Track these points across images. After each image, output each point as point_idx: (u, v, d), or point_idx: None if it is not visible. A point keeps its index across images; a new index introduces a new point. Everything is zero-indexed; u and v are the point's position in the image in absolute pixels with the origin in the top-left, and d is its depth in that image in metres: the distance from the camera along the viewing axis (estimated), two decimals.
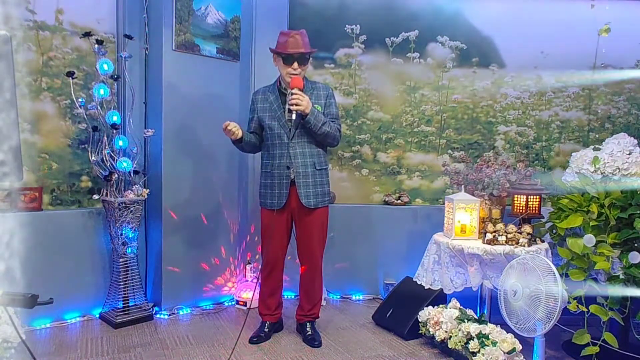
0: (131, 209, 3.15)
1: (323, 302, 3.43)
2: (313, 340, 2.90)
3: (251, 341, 2.91)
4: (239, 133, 2.75)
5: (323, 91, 2.86)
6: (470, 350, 2.59)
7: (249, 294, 3.58)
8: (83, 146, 3.23)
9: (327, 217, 2.93)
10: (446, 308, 2.94)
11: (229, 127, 2.72)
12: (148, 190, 3.25)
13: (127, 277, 3.20)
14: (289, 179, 2.78)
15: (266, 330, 2.97)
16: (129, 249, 3.19)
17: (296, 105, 2.62)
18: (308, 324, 2.99)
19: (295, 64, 2.72)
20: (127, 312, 3.18)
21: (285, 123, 2.77)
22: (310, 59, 2.86)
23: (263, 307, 3.01)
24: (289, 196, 2.80)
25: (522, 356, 2.56)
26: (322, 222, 2.89)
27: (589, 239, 2.54)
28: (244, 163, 3.78)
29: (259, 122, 2.89)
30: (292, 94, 2.64)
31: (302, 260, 2.94)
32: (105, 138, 3.12)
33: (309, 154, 2.80)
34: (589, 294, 2.62)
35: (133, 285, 3.23)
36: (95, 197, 3.17)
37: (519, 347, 2.54)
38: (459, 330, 2.72)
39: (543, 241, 2.95)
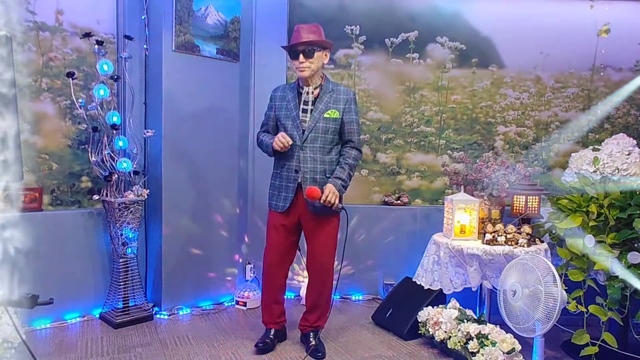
0: (131, 209, 3.15)
1: None
2: (317, 352, 2.73)
3: (257, 347, 2.76)
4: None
5: (343, 95, 2.68)
6: (470, 350, 2.59)
7: (249, 294, 3.59)
8: (83, 147, 3.24)
9: (337, 226, 2.76)
10: (446, 308, 2.95)
11: (287, 142, 2.58)
12: (148, 190, 3.25)
13: (127, 277, 3.20)
14: (296, 182, 2.64)
15: (271, 337, 2.81)
16: (129, 249, 3.19)
17: (333, 203, 2.55)
18: (312, 333, 2.82)
19: (301, 56, 2.56)
20: (127, 312, 3.18)
21: (299, 124, 2.65)
22: (324, 52, 2.64)
23: (266, 314, 2.86)
24: (295, 200, 2.67)
25: (522, 356, 2.56)
26: (331, 231, 2.73)
27: (589, 240, 2.55)
28: (243, 163, 3.78)
29: (275, 120, 2.76)
30: (324, 201, 2.54)
31: (310, 269, 2.81)
32: (105, 138, 3.12)
33: (320, 160, 2.64)
34: (588, 294, 2.63)
35: (133, 286, 3.24)
36: (96, 197, 3.17)
37: (518, 347, 2.55)
38: (459, 330, 2.72)
39: (542, 241, 2.95)
